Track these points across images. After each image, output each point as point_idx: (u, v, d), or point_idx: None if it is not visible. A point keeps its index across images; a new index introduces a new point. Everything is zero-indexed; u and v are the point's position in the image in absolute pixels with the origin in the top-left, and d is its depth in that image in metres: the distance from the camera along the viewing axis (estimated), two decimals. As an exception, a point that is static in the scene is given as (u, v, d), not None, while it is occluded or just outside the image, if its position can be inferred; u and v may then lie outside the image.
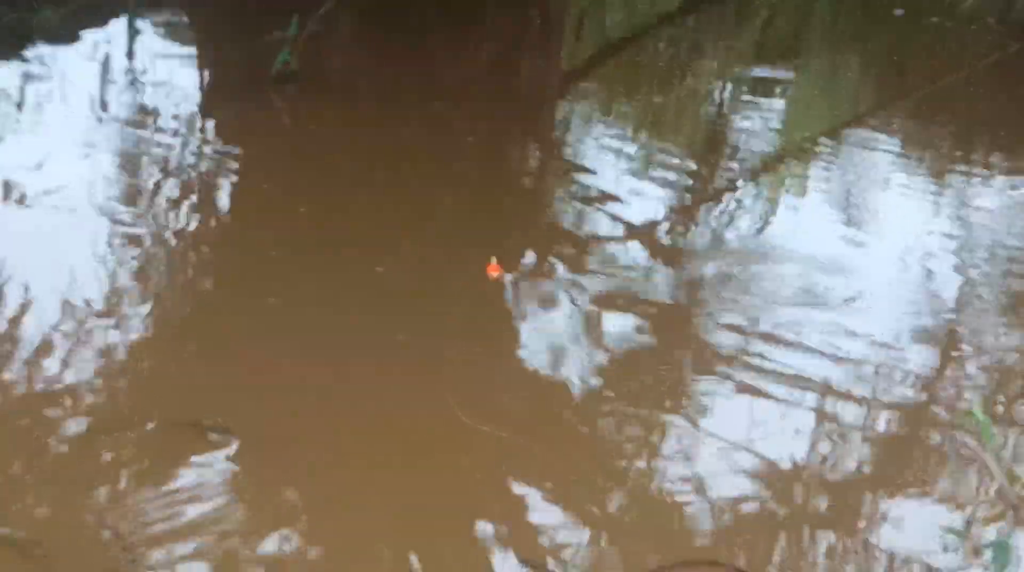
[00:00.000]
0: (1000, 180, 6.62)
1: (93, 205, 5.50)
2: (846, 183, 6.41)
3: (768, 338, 4.78)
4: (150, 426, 4.01)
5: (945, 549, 3.68)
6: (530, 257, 5.35)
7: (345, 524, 3.72)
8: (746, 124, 7.26)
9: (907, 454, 4.19)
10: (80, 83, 6.86)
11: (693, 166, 6.62)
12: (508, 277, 5.11)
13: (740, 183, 6.25)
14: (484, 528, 3.74)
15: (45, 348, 4.38)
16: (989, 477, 3.79)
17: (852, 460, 4.13)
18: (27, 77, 6.95)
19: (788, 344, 4.73)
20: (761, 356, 4.64)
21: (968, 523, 3.20)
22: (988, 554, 3.19)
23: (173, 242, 5.29)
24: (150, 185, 5.82)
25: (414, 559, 3.58)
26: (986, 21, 9.07)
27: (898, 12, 9.37)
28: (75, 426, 3.99)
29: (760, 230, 5.76)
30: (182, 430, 3.99)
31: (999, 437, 4.20)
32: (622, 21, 9.71)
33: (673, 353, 4.70)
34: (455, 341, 4.69)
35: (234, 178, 6.05)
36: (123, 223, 5.37)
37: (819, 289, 5.19)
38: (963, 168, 6.76)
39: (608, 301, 5.02)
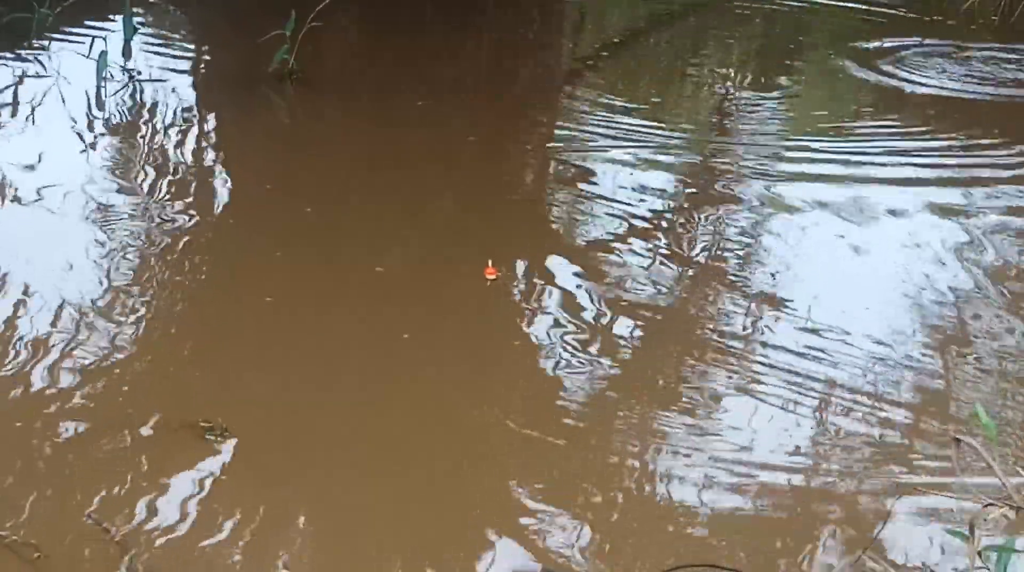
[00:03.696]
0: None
1: (90, 204, 5.49)
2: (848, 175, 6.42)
3: (771, 338, 4.77)
4: (147, 427, 4.00)
5: (948, 551, 3.67)
6: (531, 257, 5.33)
7: (345, 523, 3.71)
8: (749, 122, 7.24)
9: (909, 455, 4.17)
10: (77, 81, 6.84)
11: (696, 163, 6.60)
12: (507, 278, 5.10)
13: (745, 186, 6.23)
14: (486, 528, 3.72)
15: (41, 348, 4.37)
16: (993, 478, 3.77)
17: (854, 461, 4.11)
18: (25, 75, 6.94)
19: (791, 345, 4.71)
20: (765, 354, 4.63)
21: (971, 524, 3.17)
22: (992, 556, 3.17)
23: (170, 242, 5.27)
24: (147, 184, 5.81)
25: (414, 558, 3.57)
26: (988, 20, 9.07)
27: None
28: (72, 427, 3.98)
29: (761, 224, 5.74)
30: (180, 431, 3.98)
31: (1003, 438, 4.19)
32: (623, 18, 9.71)
33: (674, 351, 4.68)
34: (456, 341, 4.68)
35: (232, 177, 6.03)
36: (121, 222, 5.36)
37: (816, 295, 5.19)
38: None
39: (608, 300, 5.01)
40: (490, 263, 5.09)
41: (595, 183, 6.16)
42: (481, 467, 4.01)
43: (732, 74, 8.09)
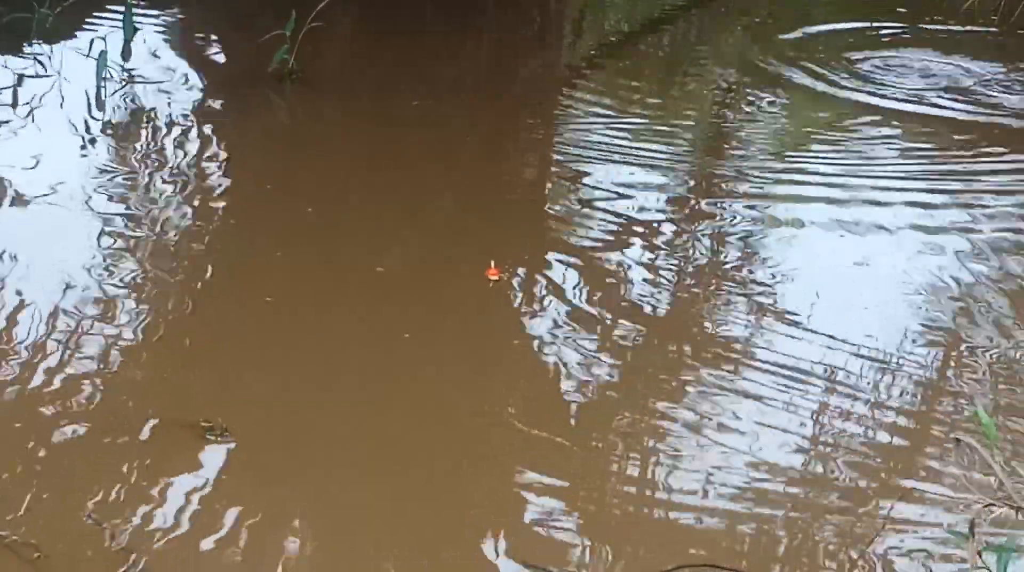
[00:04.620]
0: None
1: (91, 204, 5.49)
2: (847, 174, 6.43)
3: (770, 337, 4.77)
4: (148, 427, 4.00)
5: (948, 551, 3.67)
6: (531, 257, 5.33)
7: (343, 523, 3.71)
8: (749, 123, 7.24)
9: (910, 455, 4.18)
10: (77, 82, 6.84)
11: (696, 163, 6.61)
12: (507, 278, 5.10)
13: (744, 186, 6.22)
14: (485, 529, 3.72)
15: (41, 348, 4.37)
16: (993, 478, 3.78)
17: (854, 461, 4.11)
18: (25, 75, 6.94)
19: (791, 345, 4.71)
20: (764, 354, 4.63)
21: (971, 524, 3.18)
22: (991, 556, 3.18)
23: (170, 242, 5.28)
24: (147, 184, 5.80)
25: (412, 558, 3.57)
26: (988, 20, 9.07)
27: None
28: (72, 427, 3.98)
29: (761, 224, 5.74)
30: (180, 430, 3.98)
31: (1002, 437, 4.19)
32: (623, 18, 9.71)
33: (674, 351, 4.69)
34: (456, 340, 4.68)
35: (232, 177, 6.03)
36: (121, 222, 5.36)
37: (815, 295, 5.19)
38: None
39: (608, 300, 5.01)
40: (492, 264, 5.09)
41: (595, 183, 6.15)
42: (480, 467, 4.02)
43: (731, 75, 8.07)
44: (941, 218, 5.94)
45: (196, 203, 5.69)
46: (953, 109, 7.42)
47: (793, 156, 6.79)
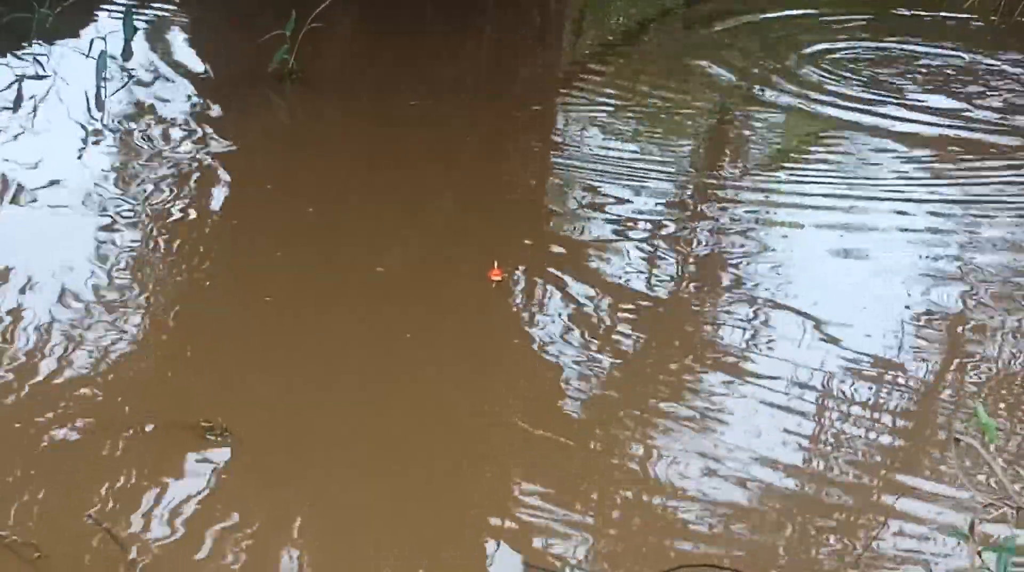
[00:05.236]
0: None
1: (91, 204, 5.49)
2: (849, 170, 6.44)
3: (770, 336, 4.77)
4: (148, 427, 4.00)
5: (947, 550, 3.67)
6: (531, 257, 5.33)
7: (344, 523, 3.72)
8: (749, 123, 7.24)
9: (909, 455, 4.18)
10: (77, 81, 6.84)
11: (696, 162, 6.60)
12: (508, 278, 5.10)
13: (744, 187, 6.22)
14: (485, 529, 3.72)
15: (41, 348, 4.37)
16: (992, 478, 3.78)
17: (854, 461, 4.11)
18: (24, 75, 6.94)
19: (790, 345, 4.71)
20: (765, 354, 4.63)
21: (971, 524, 3.18)
22: (991, 556, 3.17)
23: (171, 242, 5.28)
24: (147, 184, 5.80)
25: (412, 558, 3.57)
26: (988, 20, 9.08)
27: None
28: (72, 427, 3.98)
29: (760, 225, 5.74)
30: (180, 431, 3.98)
31: (1002, 437, 4.19)
32: (623, 18, 9.71)
33: (674, 352, 4.69)
34: (456, 340, 4.68)
35: (232, 177, 6.03)
36: (121, 222, 5.36)
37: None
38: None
39: (608, 300, 5.01)
40: (496, 264, 5.08)
41: (595, 183, 6.15)
42: (480, 467, 4.02)
43: (730, 73, 8.07)
44: (941, 218, 5.95)
45: (196, 203, 5.69)
46: (954, 107, 7.43)
47: (793, 155, 6.79)
